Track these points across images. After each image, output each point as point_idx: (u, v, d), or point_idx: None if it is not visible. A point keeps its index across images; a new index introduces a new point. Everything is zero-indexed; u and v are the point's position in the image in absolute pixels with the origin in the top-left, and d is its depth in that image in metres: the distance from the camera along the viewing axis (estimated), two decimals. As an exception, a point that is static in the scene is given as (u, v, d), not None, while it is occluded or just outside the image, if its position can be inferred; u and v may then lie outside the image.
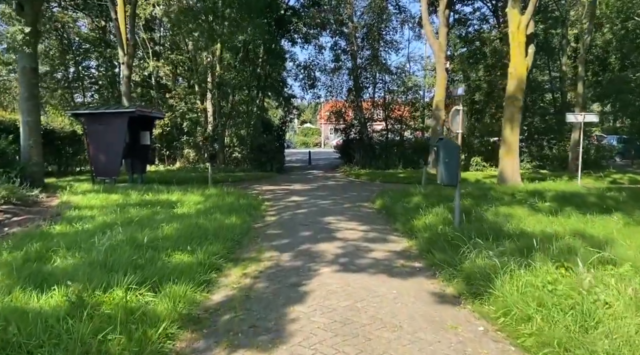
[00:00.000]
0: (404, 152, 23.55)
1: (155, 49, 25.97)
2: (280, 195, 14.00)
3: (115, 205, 9.54)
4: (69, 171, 19.24)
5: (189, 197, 11.16)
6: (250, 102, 25.01)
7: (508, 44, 22.15)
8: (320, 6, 24.41)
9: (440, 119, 20.77)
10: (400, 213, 9.35)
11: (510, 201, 10.06)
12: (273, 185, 17.21)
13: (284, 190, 15.46)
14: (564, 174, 18.98)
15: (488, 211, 8.72)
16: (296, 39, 26.71)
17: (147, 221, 7.93)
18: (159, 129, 22.94)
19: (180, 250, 6.11)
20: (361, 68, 24.98)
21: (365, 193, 14.51)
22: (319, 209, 11.01)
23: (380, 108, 25.82)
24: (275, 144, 23.34)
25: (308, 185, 17.04)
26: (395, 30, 26.40)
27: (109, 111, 14.31)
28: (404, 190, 12.84)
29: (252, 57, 23.91)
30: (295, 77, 26.58)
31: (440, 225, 7.60)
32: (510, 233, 6.67)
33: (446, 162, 7.33)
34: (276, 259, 6.37)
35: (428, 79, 28.34)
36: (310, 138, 76.35)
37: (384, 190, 13.25)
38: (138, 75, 24.86)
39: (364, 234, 8.09)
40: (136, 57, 25.38)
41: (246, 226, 8.55)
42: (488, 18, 25.81)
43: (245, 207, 10.34)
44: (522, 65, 12.68)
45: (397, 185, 17.12)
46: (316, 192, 14.70)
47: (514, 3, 12.68)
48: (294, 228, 8.61)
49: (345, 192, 14.82)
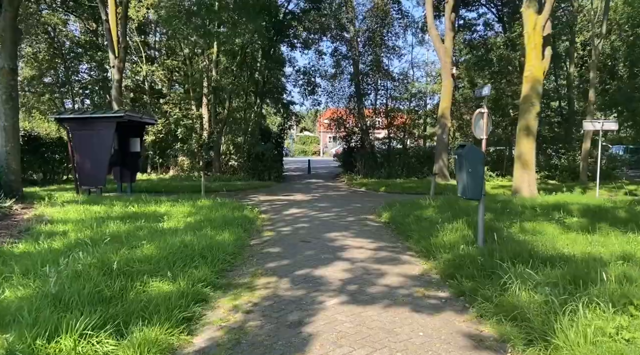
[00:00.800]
0: (408, 161, 22.62)
1: (149, 53, 25.12)
2: (278, 206, 13.03)
3: (94, 219, 8.57)
4: (55, 180, 18.25)
5: (179, 209, 10.20)
6: (248, 109, 24.11)
7: (516, 49, 21.47)
8: (320, 10, 23.59)
9: (446, 126, 19.88)
10: (412, 228, 8.39)
11: (533, 216, 9.10)
12: (271, 195, 16.25)
13: (282, 201, 14.49)
14: (576, 185, 18.08)
15: (512, 227, 7.78)
16: (296, 44, 25.92)
17: (126, 238, 6.95)
18: (151, 136, 22.01)
19: (160, 276, 5.14)
20: (363, 74, 24.11)
21: (370, 204, 13.55)
22: (321, 223, 10.04)
23: (383, 115, 24.92)
24: (273, 152, 22.40)
25: (308, 196, 16.07)
26: (398, 36, 25.63)
27: (95, 116, 13.35)
28: (411, 201, 11.88)
29: (249, 62, 23.05)
30: (295, 83, 25.73)
31: (461, 244, 6.64)
32: (547, 256, 5.72)
33: (469, 173, 6.39)
34: (273, 286, 5.39)
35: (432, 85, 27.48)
36: (308, 146, 75.57)
37: (389, 202, 12.28)
38: (131, 80, 23.98)
39: (373, 253, 7.12)
40: (129, 62, 24.55)
41: (240, 243, 7.57)
42: (492, 24, 25.09)
43: (240, 220, 9.35)
44: (538, 68, 11.80)
45: (402, 195, 16.21)
46: (317, 204, 13.74)
47: (529, 2, 11.83)
48: (295, 246, 7.63)
49: (348, 203, 13.86)
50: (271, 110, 29.08)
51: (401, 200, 12.06)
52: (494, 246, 6.36)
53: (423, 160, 22.62)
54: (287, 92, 26.17)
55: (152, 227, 8.17)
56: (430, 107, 27.23)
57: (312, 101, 25.65)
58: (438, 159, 20.09)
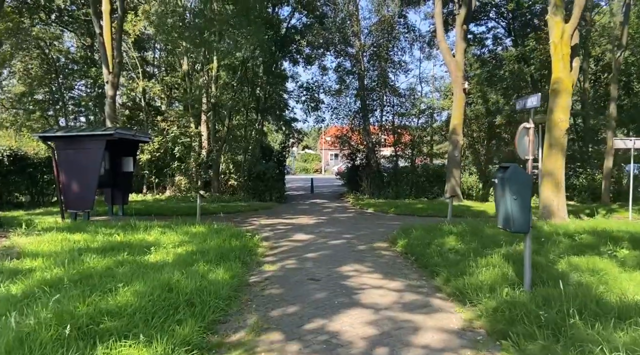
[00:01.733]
0: (417, 180, 21.50)
1: (148, 70, 24.28)
2: (281, 231, 11.88)
3: (70, 252, 7.43)
4: (44, 202, 17.14)
5: (169, 237, 9.06)
6: (249, 126, 23.12)
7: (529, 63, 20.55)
8: (324, 24, 22.76)
9: (458, 143, 18.82)
10: (437, 262, 7.23)
11: (574, 246, 7.94)
12: (273, 218, 15.11)
13: (285, 224, 13.34)
14: (599, 207, 16.92)
15: (559, 263, 6.63)
16: (298, 59, 25.06)
17: (102, 278, 5.83)
18: (147, 155, 20.98)
19: (133, 337, 3.99)
20: (368, 90, 23.13)
21: (381, 229, 12.40)
22: (331, 253, 8.89)
23: (389, 132, 23.89)
24: (275, 171, 21.33)
25: (314, 219, 14.92)
26: (404, 51, 24.76)
27: (82, 134, 12.34)
28: (428, 226, 10.72)
29: (250, 77, 22.13)
30: (298, 99, 24.75)
31: (504, 287, 5.50)
32: (620, 306, 4.58)
33: (514, 200, 5.28)
34: (278, 349, 4.23)
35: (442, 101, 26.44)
36: (310, 164, 74.66)
37: (403, 227, 11.13)
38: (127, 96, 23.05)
39: (397, 295, 5.95)
40: (125, 77, 23.69)
41: (237, 282, 6.41)
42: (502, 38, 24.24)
43: (238, 250, 8.20)
44: (567, 80, 10.78)
45: (413, 218, 15.08)
46: (324, 228, 12.58)
47: (555, 9, 10.85)
48: (301, 286, 6.47)
49: (358, 228, 12.70)
50: (273, 128, 28.08)
51: (415, 225, 10.91)
52: (547, 291, 5.23)
53: (432, 180, 21.50)
54: (290, 108, 25.24)
55: (135, 261, 7.04)
56: (438, 124, 26.21)
57: (316, 118, 24.68)
58: (450, 178, 18.98)
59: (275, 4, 22.87)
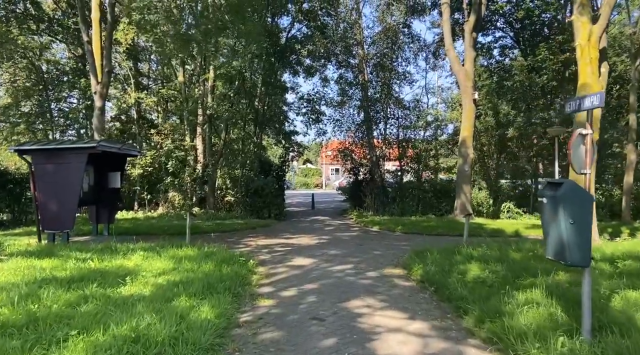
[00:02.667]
0: (423, 196, 20.37)
1: (143, 82, 23.35)
2: (280, 254, 10.73)
3: (29, 284, 6.30)
4: (26, 221, 16.01)
5: (152, 263, 7.95)
6: (246, 139, 22.09)
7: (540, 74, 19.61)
8: (325, 33, 21.85)
9: (469, 157, 17.74)
10: (463, 295, 6.09)
11: (620, 275, 6.80)
12: (271, 237, 13.98)
13: (284, 246, 12.19)
14: (621, 225, 15.81)
15: (614, 299, 5.49)
16: (299, 70, 24.13)
17: (52, 323, 4.70)
18: (139, 169, 19.89)
19: None
20: (372, 101, 22.08)
21: (391, 250, 11.25)
22: (336, 282, 7.74)
23: (395, 145, 22.83)
24: (274, 187, 20.21)
25: (315, 238, 13.77)
26: (409, 61, 23.82)
27: (62, 147, 11.25)
28: (442, 248, 9.57)
29: (249, 88, 21.18)
30: (298, 111, 23.72)
31: (557, 334, 4.37)
32: None
33: (572, 225, 4.18)
34: None
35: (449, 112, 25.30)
36: (310, 179, 73.60)
37: (416, 249, 9.98)
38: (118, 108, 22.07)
39: (421, 343, 4.81)
40: (118, 89, 22.75)
41: (224, 322, 5.27)
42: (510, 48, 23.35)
43: (229, 279, 7.06)
44: (596, 86, 9.73)
45: (422, 237, 13.98)
46: (327, 250, 11.43)
47: (582, 9, 9.87)
48: (303, 328, 5.33)
49: (365, 249, 11.56)
50: (272, 141, 27.03)
51: (428, 247, 9.77)
52: (615, 341, 4.10)
53: (440, 195, 20.38)
54: (290, 121, 24.21)
55: (105, 295, 5.91)
56: (444, 137, 25.15)
57: (317, 130, 23.58)
58: (460, 194, 17.87)
59: (275, 13, 22.10)
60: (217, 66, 18.28)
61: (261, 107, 21.87)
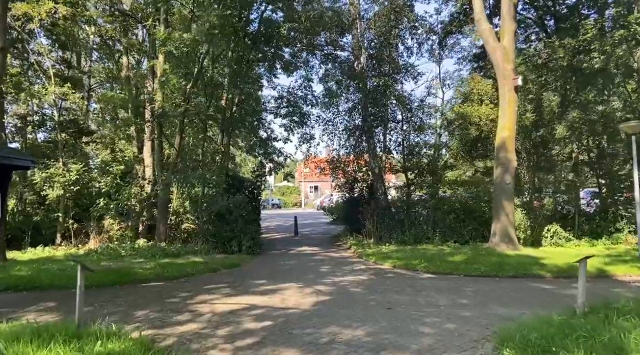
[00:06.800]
0: (443, 217, 15.54)
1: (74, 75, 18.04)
2: (251, 343, 5.64)
3: None
4: None
5: None
6: (208, 146, 16.99)
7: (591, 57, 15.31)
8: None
9: (510, 164, 13.09)
10: None
11: None
12: (238, 291, 8.92)
13: (258, 316, 7.07)
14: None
15: None
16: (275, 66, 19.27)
17: None
18: (58, 190, 14.54)
19: None
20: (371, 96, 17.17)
21: (451, 322, 6.30)
22: None
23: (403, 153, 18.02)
24: (246, 208, 15.11)
25: (309, 293, 8.69)
26: (411, 51, 19.27)
27: None
28: (542, 319, 4.74)
29: (211, 77, 16.16)
30: (276, 112, 18.59)
31: None
32: None
33: None
34: None
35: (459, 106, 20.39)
36: (288, 197, 68.54)
37: (503, 331, 5.09)
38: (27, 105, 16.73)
39: None
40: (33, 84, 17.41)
41: None
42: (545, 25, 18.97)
43: None
44: None
45: (461, 279, 9.28)
46: (334, 322, 6.37)
47: None
48: None
49: (398, 316, 6.58)
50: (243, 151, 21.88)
51: (519, 321, 4.93)
52: None
53: (464, 217, 15.60)
54: (266, 122, 19.18)
55: None
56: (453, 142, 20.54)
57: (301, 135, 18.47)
58: (500, 215, 13.12)
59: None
60: (164, 40, 13.28)
61: (228, 105, 16.82)
